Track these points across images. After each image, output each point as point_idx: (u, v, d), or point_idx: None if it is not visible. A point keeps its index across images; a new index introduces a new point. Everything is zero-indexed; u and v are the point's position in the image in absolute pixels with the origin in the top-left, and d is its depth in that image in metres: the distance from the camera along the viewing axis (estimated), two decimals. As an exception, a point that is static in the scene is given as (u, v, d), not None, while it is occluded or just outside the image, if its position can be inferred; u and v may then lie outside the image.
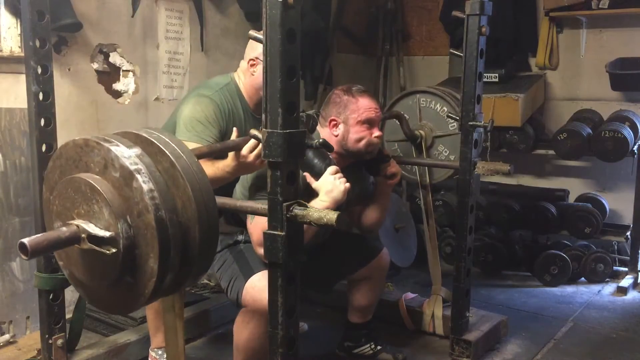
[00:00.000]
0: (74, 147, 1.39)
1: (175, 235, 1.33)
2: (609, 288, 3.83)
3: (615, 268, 4.01)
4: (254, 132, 1.59)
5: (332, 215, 1.38)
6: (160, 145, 1.36)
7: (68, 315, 2.51)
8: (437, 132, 3.03)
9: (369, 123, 2.40)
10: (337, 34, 4.73)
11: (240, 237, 2.43)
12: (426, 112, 3.05)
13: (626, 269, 3.96)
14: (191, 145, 2.18)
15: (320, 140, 1.68)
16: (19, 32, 2.81)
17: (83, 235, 1.32)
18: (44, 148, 2.29)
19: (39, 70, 2.23)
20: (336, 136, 2.39)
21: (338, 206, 2.10)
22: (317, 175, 2.15)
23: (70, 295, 2.81)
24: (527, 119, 4.09)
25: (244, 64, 2.54)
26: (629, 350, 3.00)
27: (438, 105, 3.01)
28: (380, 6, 4.76)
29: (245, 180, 2.32)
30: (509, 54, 4.31)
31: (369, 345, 2.83)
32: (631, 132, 3.77)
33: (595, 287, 3.86)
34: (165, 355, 2.41)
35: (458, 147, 2.84)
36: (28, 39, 2.21)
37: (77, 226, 1.33)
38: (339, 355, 2.90)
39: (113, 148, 1.32)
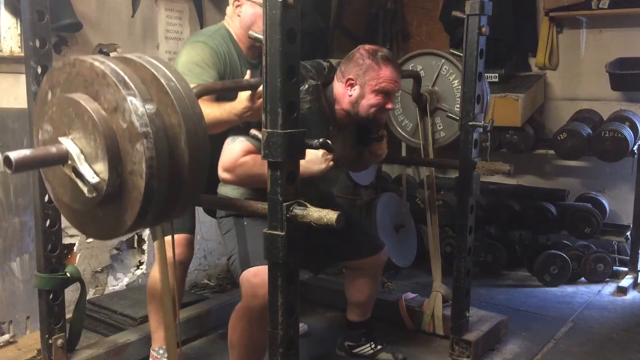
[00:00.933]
0: (90, 70, 1.30)
1: (158, 202, 1.29)
2: (609, 288, 3.83)
3: (615, 268, 4.00)
4: (254, 132, 1.59)
5: (332, 216, 1.39)
6: (174, 100, 1.29)
7: (68, 315, 2.51)
8: (442, 105, 3.00)
9: (386, 94, 2.32)
10: (337, 34, 4.73)
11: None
12: (442, 80, 3.01)
13: (626, 269, 3.95)
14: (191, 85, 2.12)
15: (320, 140, 1.68)
16: (19, 32, 2.81)
17: (69, 162, 1.28)
18: (44, 148, 2.29)
19: (39, 70, 2.23)
20: (350, 96, 2.33)
21: (307, 177, 2.07)
22: (309, 146, 2.15)
23: (70, 295, 2.81)
24: (527, 119, 4.09)
25: (229, 9, 2.49)
26: (629, 350, 3.00)
27: (456, 81, 2.96)
28: (380, 6, 4.76)
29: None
30: (509, 54, 4.31)
31: (369, 345, 2.84)
32: (631, 132, 3.77)
33: (595, 287, 3.85)
34: (166, 355, 2.41)
35: (453, 128, 2.84)
36: (28, 39, 2.21)
37: (68, 152, 1.28)
38: (339, 355, 2.90)
39: (129, 99, 1.25)
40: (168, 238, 2.42)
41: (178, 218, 1.55)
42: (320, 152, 2.11)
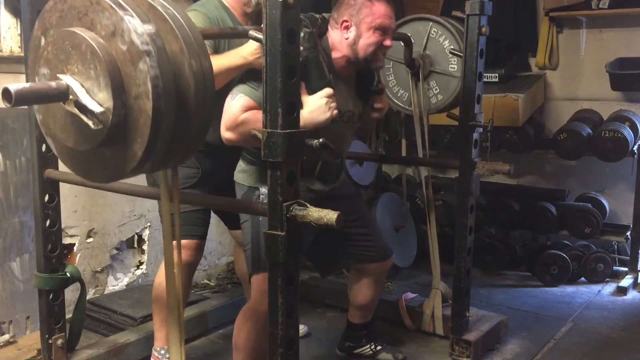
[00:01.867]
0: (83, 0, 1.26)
1: (168, 126, 1.25)
2: (609, 288, 3.83)
3: (615, 268, 4.00)
4: (254, 131, 1.58)
5: (332, 216, 1.38)
6: (174, 26, 1.25)
7: (68, 315, 2.51)
8: (436, 68, 2.98)
9: (382, 30, 2.26)
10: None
11: (263, 191, 2.28)
12: (433, 43, 2.99)
13: (626, 269, 3.95)
14: None
15: (321, 140, 1.68)
16: (19, 32, 2.81)
17: (71, 97, 1.23)
18: (44, 148, 2.29)
19: (39, 70, 2.23)
20: (347, 39, 2.27)
21: (315, 129, 2.05)
22: (312, 90, 2.09)
23: (70, 295, 2.81)
24: (527, 119, 4.09)
25: None
26: (629, 350, 3.00)
27: (447, 42, 2.94)
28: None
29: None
30: (509, 54, 4.31)
31: (369, 345, 2.83)
32: (631, 132, 3.77)
33: (595, 287, 3.85)
34: (168, 355, 2.42)
35: (449, 88, 2.82)
36: (28, 39, 2.21)
37: (68, 86, 1.23)
38: (340, 355, 2.90)
39: (127, 18, 1.20)
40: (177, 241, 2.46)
41: (185, 159, 1.51)
42: (323, 99, 2.06)
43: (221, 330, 3.14)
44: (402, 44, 2.88)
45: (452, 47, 2.92)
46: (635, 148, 3.80)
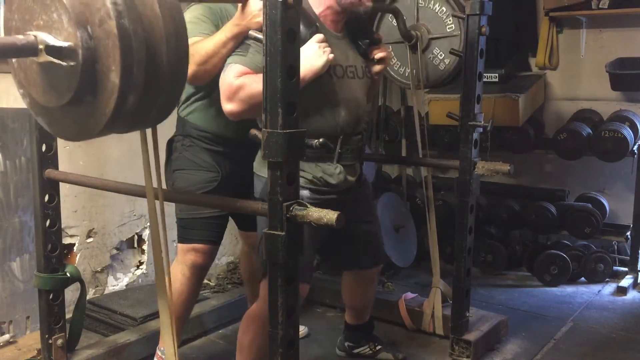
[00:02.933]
0: None
1: (139, 49, 1.25)
2: (609, 288, 3.83)
3: (615, 268, 4.00)
4: (254, 131, 1.59)
5: (332, 216, 1.39)
6: None
7: (68, 315, 2.51)
8: (433, 34, 2.96)
9: None
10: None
11: None
12: (424, 12, 2.98)
13: (626, 269, 3.95)
14: (192, 40, 2.03)
15: (321, 140, 1.68)
16: (19, 32, 2.81)
17: (41, 47, 1.25)
18: (44, 148, 2.29)
19: (39, 70, 2.23)
20: None
21: (316, 76, 2.01)
22: (302, 41, 1.98)
23: (70, 295, 2.81)
24: (527, 119, 4.08)
25: None
26: (629, 350, 3.00)
27: (437, 5, 2.93)
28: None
29: None
30: (509, 54, 4.31)
31: (368, 345, 2.83)
32: (631, 132, 3.77)
33: (595, 287, 3.85)
34: None
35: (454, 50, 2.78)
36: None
37: (35, 36, 1.25)
38: (340, 356, 2.90)
39: None
40: (190, 245, 2.44)
41: (169, 107, 1.47)
42: (315, 44, 2.00)
43: (221, 330, 3.14)
44: (394, 20, 2.86)
45: (443, 8, 2.88)
46: (635, 148, 3.80)
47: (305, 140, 1.45)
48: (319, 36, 2.04)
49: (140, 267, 3.52)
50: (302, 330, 3.07)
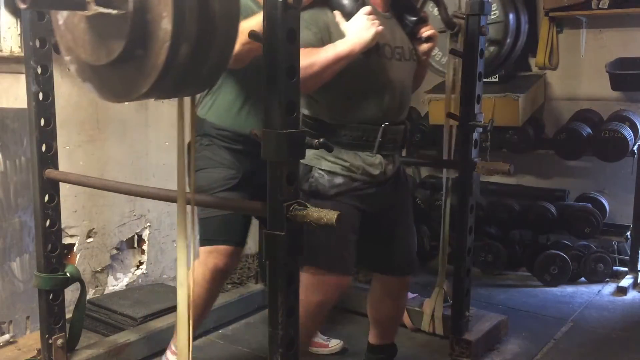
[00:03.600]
0: None
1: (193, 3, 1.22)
2: (609, 288, 3.83)
3: (615, 268, 4.00)
4: (254, 131, 1.58)
5: (332, 215, 1.38)
6: None
7: (68, 315, 2.51)
8: None
9: None
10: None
11: (305, 186, 2.08)
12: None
13: (626, 269, 3.95)
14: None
15: (321, 140, 1.67)
16: (19, 32, 2.81)
17: (88, 1, 1.22)
18: (44, 148, 2.29)
19: (39, 70, 2.23)
20: None
21: (365, 49, 1.92)
22: (348, 15, 1.97)
23: (70, 295, 2.81)
24: (527, 119, 4.09)
25: None
26: (629, 350, 3.00)
27: None
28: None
29: None
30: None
31: None
32: (631, 132, 3.77)
33: (595, 287, 3.85)
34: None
35: (498, 37, 2.73)
36: (28, 39, 2.21)
37: None
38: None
39: None
40: (212, 247, 2.35)
41: (220, 70, 1.41)
42: (363, 17, 1.93)
43: (221, 330, 3.14)
44: (435, 9, 2.74)
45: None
46: (635, 148, 3.80)
47: (305, 140, 1.45)
48: (366, 8, 1.97)
49: (140, 267, 3.52)
50: (336, 344, 2.90)
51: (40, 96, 2.25)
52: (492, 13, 2.80)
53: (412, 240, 2.40)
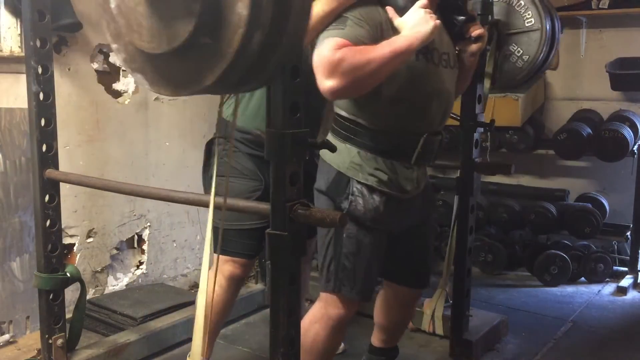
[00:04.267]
0: None
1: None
2: (609, 288, 3.83)
3: (615, 268, 4.01)
4: (257, 131, 1.58)
5: (335, 216, 1.38)
6: None
7: (68, 315, 2.50)
8: (510, 29, 2.74)
9: None
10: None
11: (345, 204, 1.96)
12: (497, 6, 2.75)
13: (626, 269, 3.96)
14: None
15: (325, 139, 1.67)
16: (19, 32, 2.81)
17: None
18: (44, 148, 2.29)
19: (39, 70, 2.23)
20: None
21: (424, 45, 1.82)
22: (402, 10, 1.87)
23: (70, 295, 2.81)
24: (527, 119, 4.09)
25: None
26: (629, 350, 3.00)
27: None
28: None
29: None
30: (509, 53, 4.31)
31: None
32: (631, 132, 3.78)
33: (595, 287, 3.86)
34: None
35: (532, 44, 2.63)
36: (28, 39, 2.21)
37: None
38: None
39: None
40: (227, 257, 2.34)
41: (278, 70, 1.33)
42: (420, 10, 1.82)
43: (221, 330, 3.13)
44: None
45: (521, 2, 2.68)
46: (635, 148, 3.80)
47: (308, 140, 1.44)
48: (422, 1, 1.85)
49: (140, 267, 3.52)
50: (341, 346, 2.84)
51: (41, 96, 2.25)
52: (527, 21, 2.74)
53: (430, 252, 2.35)
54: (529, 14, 2.67)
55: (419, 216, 2.18)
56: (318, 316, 2.04)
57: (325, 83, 1.72)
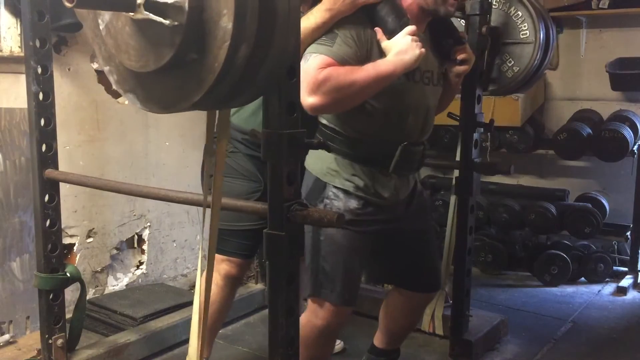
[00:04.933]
0: None
1: (255, 4, 1.13)
2: (609, 288, 3.83)
3: (615, 268, 4.01)
4: (254, 131, 1.58)
5: (332, 216, 1.38)
6: None
7: (68, 315, 2.51)
8: (505, 39, 2.74)
9: None
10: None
11: (334, 191, 2.01)
12: (496, 14, 2.75)
13: (626, 269, 3.95)
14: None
15: (321, 140, 1.67)
16: (19, 32, 2.81)
17: (139, 1, 1.13)
18: (44, 148, 2.29)
19: (39, 70, 2.23)
20: None
21: (407, 71, 1.87)
22: (390, 33, 1.89)
23: (70, 295, 2.81)
24: (527, 119, 4.09)
25: None
26: (629, 350, 3.00)
27: (512, 9, 2.74)
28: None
29: None
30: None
31: None
32: (631, 132, 3.77)
33: (595, 287, 3.86)
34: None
35: (524, 57, 2.65)
36: (28, 39, 2.21)
37: None
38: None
39: None
40: (225, 257, 2.36)
41: (268, 82, 1.32)
42: (407, 37, 1.84)
43: (221, 330, 3.12)
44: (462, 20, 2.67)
45: (519, 12, 2.68)
46: (635, 148, 3.80)
47: (305, 140, 1.44)
48: (411, 28, 1.88)
49: (140, 267, 3.52)
50: (337, 344, 2.84)
51: (41, 96, 2.25)
52: (522, 33, 2.73)
53: (438, 257, 2.38)
54: (524, 26, 2.69)
55: (412, 221, 2.18)
56: (303, 323, 1.96)
57: (308, 99, 1.77)
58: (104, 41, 1.30)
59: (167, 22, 1.12)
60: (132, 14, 1.16)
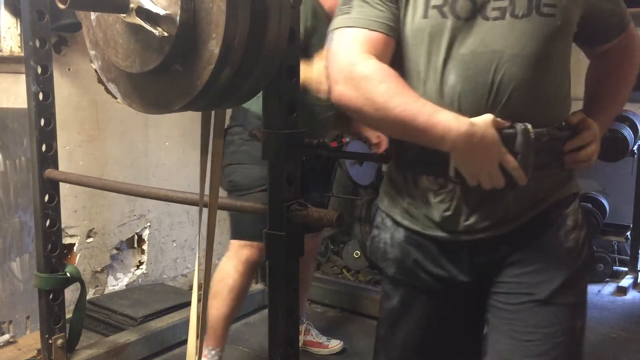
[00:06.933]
0: None
1: (244, 18, 1.10)
2: (609, 288, 3.83)
3: (615, 268, 4.01)
4: (254, 131, 1.58)
5: (332, 216, 1.38)
6: None
7: (68, 315, 2.51)
8: None
9: None
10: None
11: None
12: None
13: (626, 269, 3.96)
14: None
15: (320, 140, 1.67)
16: (19, 32, 2.81)
17: (132, 5, 1.12)
18: (44, 148, 2.29)
19: (39, 70, 2.23)
20: None
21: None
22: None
23: (70, 295, 2.81)
24: (527, 119, 4.08)
25: None
26: (628, 350, 3.00)
27: None
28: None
29: None
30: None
31: None
32: (631, 132, 3.77)
33: (595, 287, 3.85)
34: (217, 357, 2.42)
35: None
36: (28, 39, 2.21)
37: None
38: None
39: None
40: (245, 242, 2.41)
41: (248, 96, 1.31)
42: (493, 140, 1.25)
43: (221, 330, 3.13)
44: None
45: None
46: (635, 148, 3.80)
47: (304, 140, 1.44)
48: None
49: (140, 267, 3.52)
50: (336, 344, 2.90)
51: (40, 96, 2.25)
52: None
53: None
54: None
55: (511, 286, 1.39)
56: None
57: (337, 87, 1.33)
58: (93, 29, 1.30)
59: (156, 31, 1.13)
60: (124, 15, 1.16)
